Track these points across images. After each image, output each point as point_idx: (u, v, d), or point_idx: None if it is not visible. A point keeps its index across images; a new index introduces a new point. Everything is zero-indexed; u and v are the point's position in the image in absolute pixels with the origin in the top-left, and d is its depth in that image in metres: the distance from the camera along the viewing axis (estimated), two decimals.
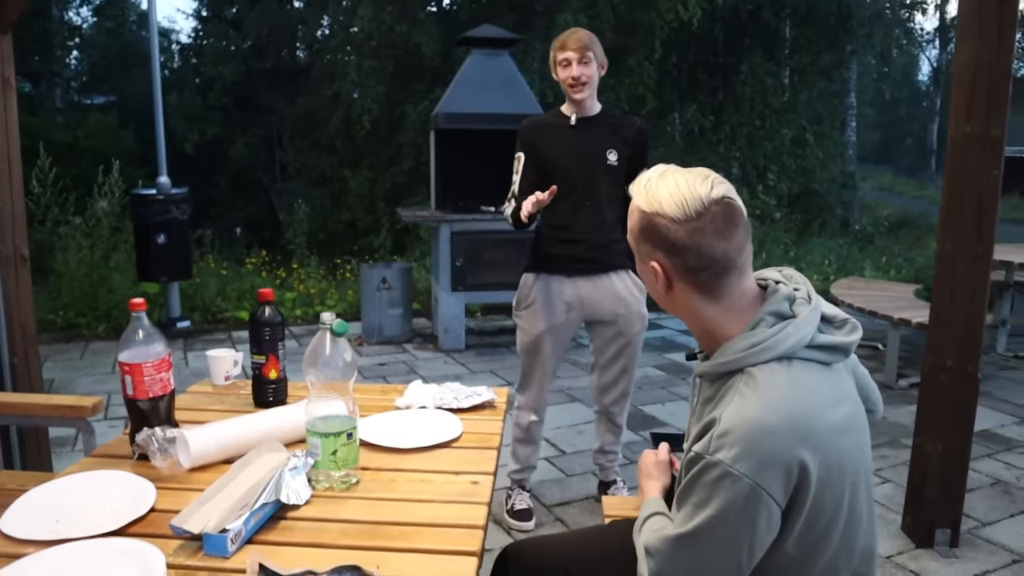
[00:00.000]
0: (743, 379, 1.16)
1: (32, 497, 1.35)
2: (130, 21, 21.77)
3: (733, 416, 1.11)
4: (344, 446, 1.40)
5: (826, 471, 1.12)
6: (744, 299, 1.22)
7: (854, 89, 15.01)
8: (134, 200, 5.91)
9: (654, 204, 1.20)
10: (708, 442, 1.11)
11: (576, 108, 2.85)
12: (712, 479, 1.10)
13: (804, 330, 1.18)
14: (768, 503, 1.10)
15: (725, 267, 1.18)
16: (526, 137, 2.90)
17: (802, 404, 1.13)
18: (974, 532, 2.95)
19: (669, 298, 1.25)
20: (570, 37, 2.78)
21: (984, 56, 2.54)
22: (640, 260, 1.27)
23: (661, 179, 1.22)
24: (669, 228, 1.18)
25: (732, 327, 1.21)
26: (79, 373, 4.96)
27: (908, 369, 4.95)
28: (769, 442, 1.08)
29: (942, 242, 2.74)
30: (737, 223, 1.19)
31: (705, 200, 1.17)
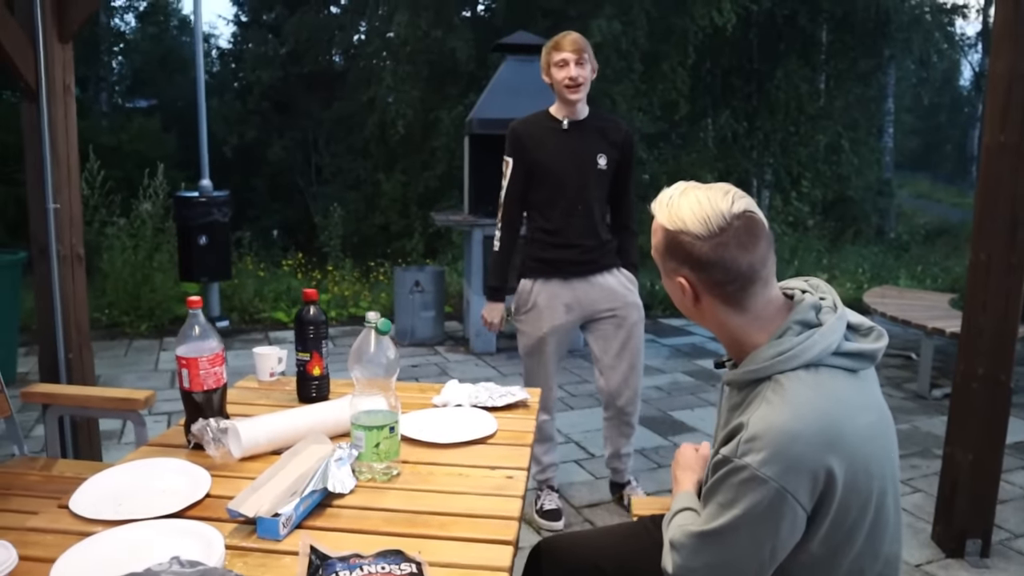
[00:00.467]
0: (771, 386, 1.19)
1: (97, 481, 1.44)
2: (172, 27, 22.26)
3: (761, 422, 1.15)
4: (386, 439, 1.48)
5: (852, 476, 1.15)
6: (770, 308, 1.25)
7: (892, 94, 14.83)
8: (177, 202, 6.08)
9: (677, 222, 1.23)
10: (736, 446, 1.16)
11: (568, 111, 2.85)
12: (739, 481, 1.15)
13: (830, 338, 1.20)
14: (793, 506, 1.13)
15: (750, 279, 1.22)
16: (517, 141, 2.89)
17: (829, 411, 1.16)
18: (1006, 543, 2.95)
19: (697, 311, 1.29)
20: (565, 39, 2.80)
21: (1020, 66, 2.55)
22: (666, 275, 1.30)
23: (683, 196, 1.25)
24: (694, 245, 1.22)
25: (759, 336, 1.25)
26: (124, 369, 5.12)
27: (942, 379, 4.91)
28: (796, 448, 1.12)
29: (975, 251, 2.74)
30: (759, 235, 1.22)
31: (727, 215, 1.20)
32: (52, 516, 1.34)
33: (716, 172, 11.30)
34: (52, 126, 2.84)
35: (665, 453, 3.81)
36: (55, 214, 2.86)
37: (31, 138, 2.86)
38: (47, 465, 2.28)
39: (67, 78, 2.89)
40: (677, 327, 6.56)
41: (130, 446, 3.77)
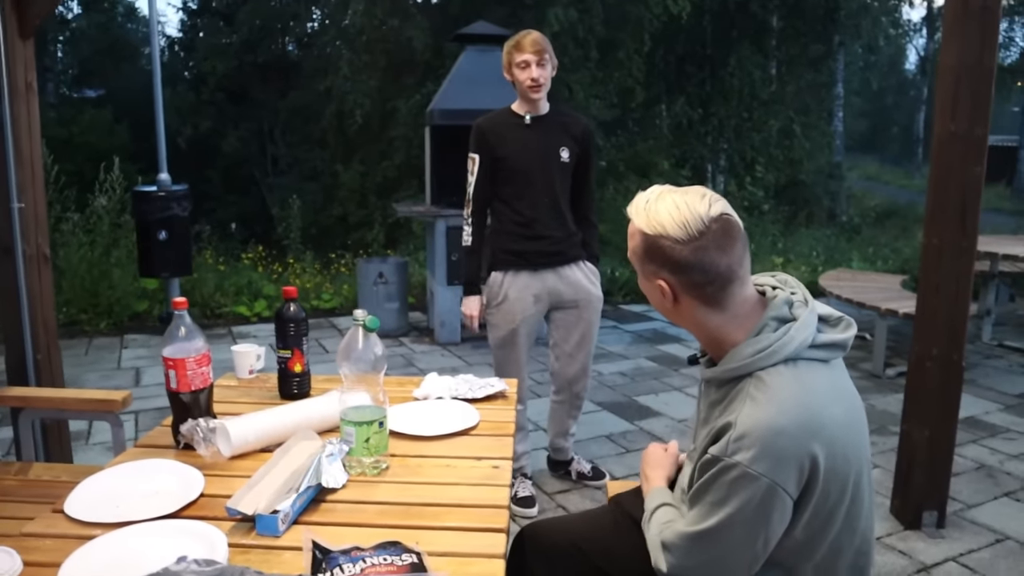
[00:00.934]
0: (752, 383, 1.24)
1: (91, 484, 1.45)
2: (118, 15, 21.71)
3: (747, 419, 1.20)
4: (376, 434, 1.52)
5: (832, 462, 1.21)
6: (746, 306, 1.30)
7: (841, 79, 15.17)
8: (136, 197, 5.95)
9: (656, 227, 1.26)
10: (725, 445, 1.20)
11: (530, 107, 2.93)
12: (730, 479, 1.20)
13: (806, 332, 1.26)
14: (783, 498, 1.20)
15: (728, 279, 1.26)
16: (481, 138, 2.95)
17: (810, 404, 1.21)
18: (960, 514, 3.09)
19: (676, 311, 1.33)
20: (526, 39, 2.86)
21: (968, 59, 2.66)
22: (644, 278, 1.34)
23: (660, 200, 1.28)
24: (674, 248, 1.25)
25: (737, 333, 1.29)
26: (85, 369, 5.05)
27: (895, 358, 5.09)
28: (783, 442, 1.17)
29: (928, 236, 2.86)
30: (736, 237, 1.27)
31: (705, 219, 1.24)
32: (48, 521, 1.35)
33: (672, 158, 11.47)
34: (15, 124, 2.78)
35: (632, 438, 3.90)
36: (20, 213, 2.82)
37: None
38: (23, 469, 2.26)
39: (29, 75, 2.83)
40: (638, 313, 6.67)
41: (98, 447, 3.74)
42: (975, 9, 2.64)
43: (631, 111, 11.77)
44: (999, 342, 5.72)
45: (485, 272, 3.05)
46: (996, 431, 4.00)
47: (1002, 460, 3.63)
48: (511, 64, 2.89)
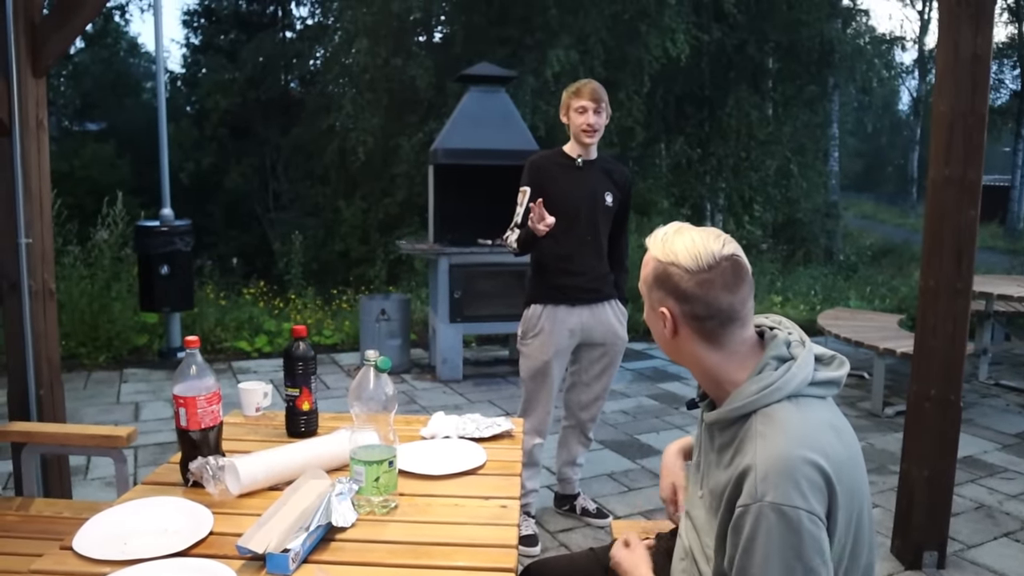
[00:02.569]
0: (759, 419, 1.26)
1: (99, 521, 1.46)
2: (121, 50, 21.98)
3: (765, 458, 1.20)
4: (386, 473, 1.53)
5: (840, 486, 1.21)
6: (744, 347, 1.33)
7: (836, 120, 15.39)
8: (138, 232, 6.02)
9: (670, 255, 1.31)
10: (753, 489, 1.19)
11: (582, 150, 3.10)
12: (772, 522, 1.17)
13: (806, 370, 1.29)
14: (820, 524, 1.18)
15: (729, 318, 1.30)
16: (535, 174, 3.10)
17: (815, 433, 1.24)
18: (960, 554, 3.09)
19: (674, 343, 1.35)
20: (586, 87, 3.02)
21: (960, 106, 2.73)
22: (650, 306, 1.38)
23: (677, 234, 1.34)
24: (682, 278, 1.29)
25: (737, 373, 1.31)
26: (84, 403, 5.04)
27: (894, 398, 5.11)
28: (799, 469, 1.18)
29: (924, 278, 2.91)
30: (743, 278, 1.31)
31: (717, 255, 1.29)
32: (57, 558, 1.36)
33: (672, 197, 11.58)
34: (25, 161, 2.82)
35: (634, 476, 3.89)
36: (27, 249, 2.85)
37: (2, 173, 2.84)
38: (24, 505, 2.26)
39: (40, 113, 2.88)
40: (639, 351, 6.69)
41: (97, 482, 3.73)
42: (966, 57, 2.72)
43: (631, 151, 11.91)
44: (996, 381, 5.74)
45: (523, 305, 3.16)
46: (994, 471, 4.00)
47: (1001, 500, 3.64)
48: (569, 108, 3.05)
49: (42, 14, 2.87)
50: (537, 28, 10.78)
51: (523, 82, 10.15)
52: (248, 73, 15.08)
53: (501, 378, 5.77)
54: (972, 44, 2.69)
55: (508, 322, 5.56)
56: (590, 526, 3.34)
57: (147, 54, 22.42)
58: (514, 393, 5.26)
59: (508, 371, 5.87)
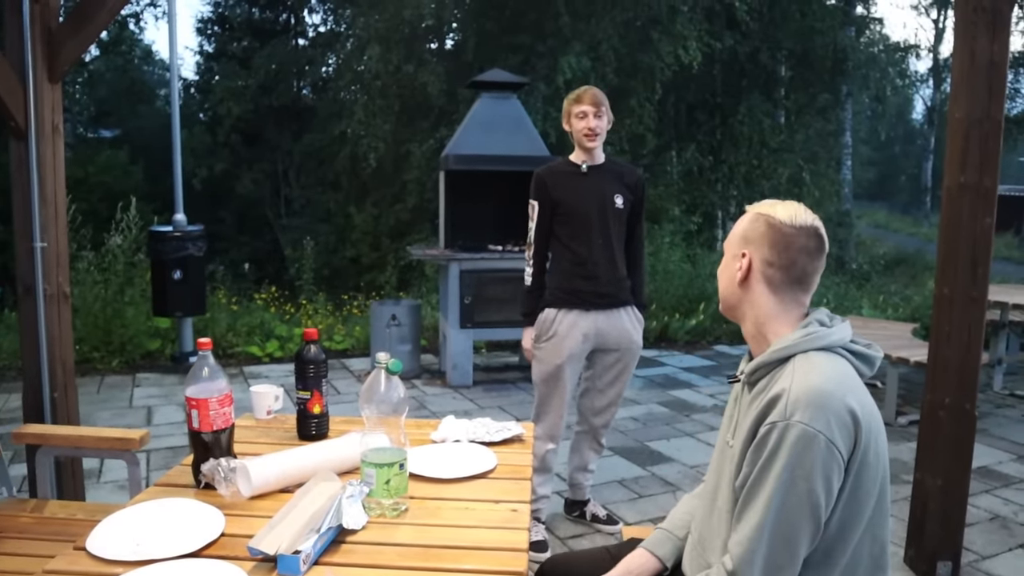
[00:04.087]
0: (799, 360, 1.36)
1: (111, 522, 1.47)
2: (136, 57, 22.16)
3: (800, 385, 1.30)
4: (396, 476, 1.53)
5: (866, 438, 1.30)
6: (797, 309, 1.46)
7: (850, 128, 15.32)
8: (152, 237, 6.06)
9: (769, 210, 1.46)
10: (784, 409, 1.29)
11: (586, 156, 3.10)
12: (793, 439, 1.26)
13: (845, 331, 1.42)
14: (838, 457, 1.27)
15: (799, 278, 1.43)
16: (540, 186, 3.12)
17: (847, 379, 1.35)
18: (974, 565, 3.06)
19: (741, 288, 1.47)
20: (586, 93, 3.04)
21: (976, 113, 2.71)
22: (731, 255, 1.50)
23: (779, 202, 1.49)
24: (774, 226, 1.43)
25: (782, 327, 1.44)
26: (97, 407, 5.06)
27: (907, 407, 5.07)
28: (829, 402, 1.28)
29: (939, 286, 2.89)
30: (822, 251, 1.44)
31: (809, 223, 1.44)
32: (70, 558, 1.37)
33: (683, 204, 11.54)
34: (41, 165, 2.85)
35: (645, 483, 3.88)
36: (42, 253, 2.87)
37: (18, 177, 2.87)
38: (38, 507, 2.27)
39: (56, 118, 2.91)
40: (650, 358, 6.67)
41: (110, 484, 3.74)
42: (982, 64, 2.70)
43: (642, 158, 11.90)
44: (1010, 391, 5.69)
45: (540, 308, 3.16)
46: (1009, 481, 3.97)
47: (1016, 511, 3.60)
48: (570, 115, 3.08)
49: (58, 20, 2.90)
50: (549, 35, 10.80)
51: (534, 89, 10.17)
52: (261, 80, 15.16)
53: (511, 384, 5.76)
54: (989, 50, 2.67)
55: (519, 328, 5.51)
56: (600, 532, 3.32)
57: (161, 61, 22.62)
58: (524, 399, 5.26)
59: (518, 377, 5.87)
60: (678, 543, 1.64)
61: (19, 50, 2.80)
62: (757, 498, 1.31)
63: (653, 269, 8.35)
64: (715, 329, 7.64)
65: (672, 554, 1.63)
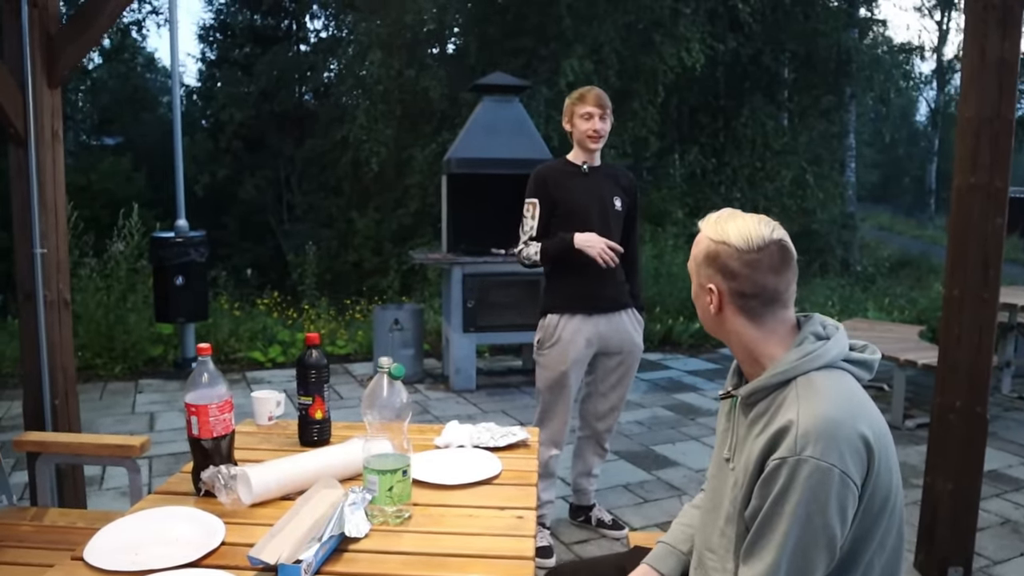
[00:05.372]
0: (800, 384, 1.30)
1: (110, 531, 1.44)
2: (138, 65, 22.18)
3: (808, 416, 1.24)
4: (399, 483, 1.50)
5: (879, 453, 1.25)
6: (784, 327, 1.38)
7: (853, 130, 15.26)
8: (154, 243, 6.04)
9: (722, 235, 1.37)
10: (793, 443, 1.23)
11: (587, 157, 3.07)
12: (805, 475, 1.21)
13: (842, 344, 1.36)
14: (852, 488, 1.22)
15: (773, 298, 1.36)
16: (541, 185, 3.07)
17: (854, 399, 1.30)
18: (986, 570, 3.01)
19: (717, 319, 1.41)
20: (590, 93, 3.01)
21: (987, 112, 2.68)
22: (698, 284, 1.43)
23: (730, 217, 1.40)
24: (732, 256, 1.36)
25: (775, 349, 1.37)
26: (99, 414, 5.04)
27: (914, 410, 5.02)
28: (840, 431, 1.23)
29: (949, 287, 2.85)
30: (789, 263, 1.37)
31: (766, 239, 1.35)
32: (68, 568, 1.34)
33: (686, 207, 11.50)
34: (40, 171, 2.83)
35: (650, 488, 3.84)
36: (42, 259, 2.85)
37: (18, 183, 2.85)
38: (38, 515, 2.24)
39: (55, 124, 2.89)
40: (654, 362, 6.63)
41: (112, 492, 3.72)
42: (993, 62, 2.67)
43: (645, 160, 11.87)
44: (1019, 395, 5.63)
45: (539, 314, 3.12)
46: (1020, 485, 3.92)
47: None
48: (573, 114, 3.04)
49: (58, 25, 2.88)
50: (551, 38, 10.78)
51: (536, 92, 10.15)
52: (263, 86, 15.17)
53: (515, 388, 5.73)
54: (999, 48, 2.64)
55: (522, 332, 5.53)
56: (606, 537, 3.29)
57: (164, 69, 22.63)
58: (528, 403, 5.22)
59: (522, 381, 5.83)
60: (682, 557, 1.60)
61: (18, 55, 2.77)
62: (770, 535, 1.25)
63: (656, 272, 8.31)
64: None
65: (676, 569, 1.59)
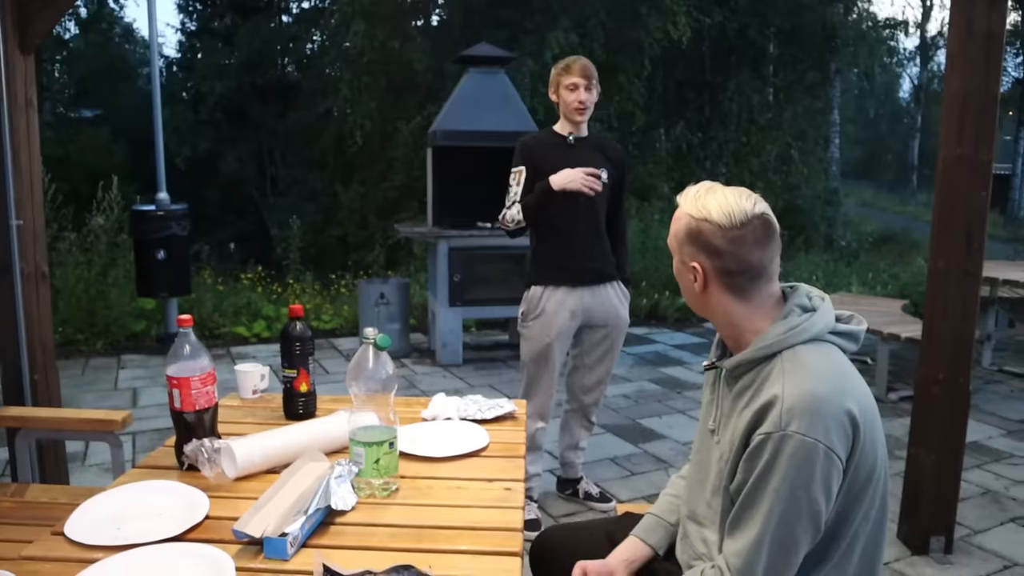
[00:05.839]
0: (785, 358, 1.29)
1: (91, 506, 1.42)
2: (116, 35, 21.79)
3: (793, 391, 1.23)
4: (386, 455, 1.48)
5: (864, 426, 1.24)
6: (770, 301, 1.36)
7: (837, 106, 15.28)
8: (134, 216, 5.95)
9: (703, 211, 1.33)
10: (778, 419, 1.22)
11: (573, 128, 3.03)
12: (790, 451, 1.21)
13: (828, 317, 1.34)
14: (836, 463, 1.22)
15: (758, 273, 1.33)
16: (528, 153, 3.03)
17: (839, 373, 1.29)
18: (967, 540, 3.06)
19: (703, 296, 1.38)
20: (576, 63, 2.96)
21: (973, 84, 2.67)
22: (680, 261, 1.40)
23: (709, 192, 1.36)
24: (715, 233, 1.32)
25: (761, 323, 1.35)
26: (82, 389, 4.99)
27: (897, 383, 5.07)
28: (825, 407, 1.22)
29: (934, 260, 2.85)
30: (772, 236, 1.34)
31: (749, 213, 1.32)
32: (49, 544, 1.32)
33: (672, 182, 11.48)
34: (14, 139, 2.76)
35: (637, 461, 3.86)
36: (18, 230, 2.79)
37: None
38: (19, 491, 2.21)
39: (29, 91, 2.82)
40: (640, 336, 6.65)
41: (95, 468, 3.69)
42: (980, 34, 2.65)
43: (631, 135, 11.83)
44: (999, 367, 5.70)
45: (524, 286, 3.10)
46: (1000, 456, 3.97)
47: (1007, 485, 3.60)
48: (559, 84, 2.99)
49: None
50: (536, 10, 10.67)
51: (522, 65, 10.06)
52: (244, 57, 14.94)
53: (501, 362, 5.73)
54: (986, 21, 2.62)
55: (508, 306, 5.50)
56: (593, 510, 3.30)
57: (142, 39, 22.22)
58: (514, 377, 5.22)
59: (508, 355, 5.83)
60: (670, 528, 1.60)
61: None
62: (755, 509, 1.25)
63: (643, 246, 8.31)
64: None
65: (664, 540, 1.59)
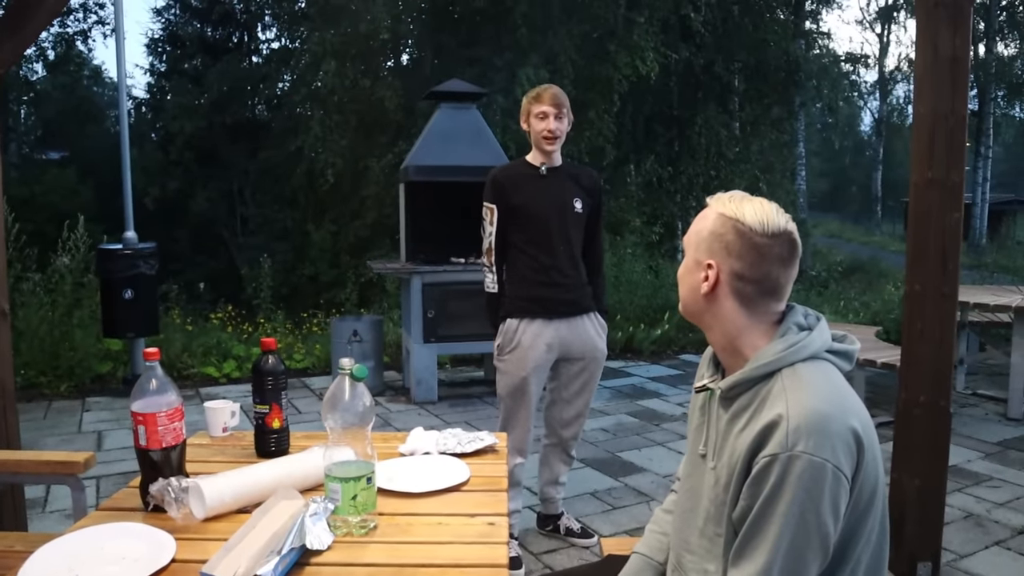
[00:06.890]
0: (785, 376, 1.25)
1: (48, 551, 1.33)
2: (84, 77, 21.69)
3: (797, 410, 1.19)
4: (363, 491, 1.42)
5: (868, 443, 1.21)
6: (770, 319, 1.33)
7: (803, 139, 15.59)
8: (100, 255, 5.83)
9: (737, 213, 1.30)
10: (784, 439, 1.17)
11: (544, 158, 2.99)
12: (798, 472, 1.15)
13: (825, 335, 1.32)
14: (844, 483, 1.17)
15: (772, 289, 1.31)
16: (499, 188, 2.97)
17: (840, 391, 1.26)
18: (953, 564, 3.02)
19: (706, 299, 1.33)
20: (546, 92, 2.93)
21: (941, 107, 2.70)
22: (694, 260, 1.35)
23: (744, 198, 1.33)
24: (743, 236, 1.28)
25: (759, 340, 1.32)
26: (43, 433, 4.82)
27: (874, 409, 5.07)
28: (830, 425, 1.18)
29: (910, 282, 2.86)
30: (795, 257, 1.32)
31: (782, 227, 1.29)
32: None
33: (643, 215, 11.57)
34: None
35: (618, 494, 3.79)
36: None
37: None
38: None
39: None
40: (616, 369, 6.61)
41: (57, 514, 3.54)
42: (945, 58, 2.69)
43: (602, 170, 11.92)
44: (973, 391, 5.74)
45: (500, 319, 3.03)
46: (980, 479, 3.96)
47: (989, 508, 3.59)
48: (529, 113, 2.96)
49: None
50: (506, 48, 10.78)
51: (492, 101, 10.12)
52: (214, 97, 14.91)
53: (477, 399, 5.65)
54: (951, 45, 2.66)
55: (483, 341, 5.44)
56: (575, 546, 3.22)
57: (111, 81, 22.15)
58: (491, 414, 5.15)
59: (484, 391, 5.76)
60: (658, 568, 1.54)
61: None
62: (762, 535, 1.19)
63: (617, 280, 8.32)
64: (680, 338, 7.62)
65: None
